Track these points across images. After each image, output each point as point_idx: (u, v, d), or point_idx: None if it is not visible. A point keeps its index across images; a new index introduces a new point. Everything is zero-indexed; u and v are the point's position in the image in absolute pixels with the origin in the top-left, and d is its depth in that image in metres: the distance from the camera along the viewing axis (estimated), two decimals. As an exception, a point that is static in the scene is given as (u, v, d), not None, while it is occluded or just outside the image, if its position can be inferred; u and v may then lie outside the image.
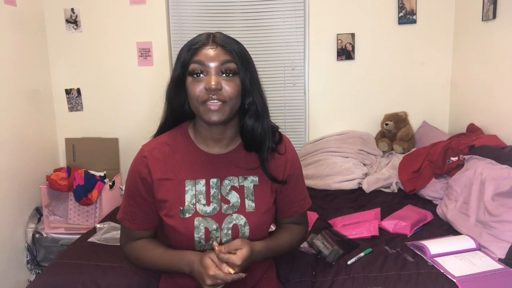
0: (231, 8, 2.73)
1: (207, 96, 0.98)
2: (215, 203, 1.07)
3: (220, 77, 0.99)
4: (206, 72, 0.99)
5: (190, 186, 1.07)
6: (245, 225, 1.07)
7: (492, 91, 2.19)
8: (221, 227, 1.06)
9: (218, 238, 1.06)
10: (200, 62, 0.99)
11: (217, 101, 0.98)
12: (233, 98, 1.00)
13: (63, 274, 1.45)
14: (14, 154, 2.33)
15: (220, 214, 1.07)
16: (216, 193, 1.08)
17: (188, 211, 1.06)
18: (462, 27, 2.55)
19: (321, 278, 1.39)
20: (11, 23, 2.34)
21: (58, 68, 2.76)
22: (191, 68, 1.00)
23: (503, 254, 1.44)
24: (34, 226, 2.46)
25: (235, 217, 1.07)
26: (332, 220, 1.83)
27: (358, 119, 2.80)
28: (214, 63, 0.98)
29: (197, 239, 1.05)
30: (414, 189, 2.14)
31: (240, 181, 1.09)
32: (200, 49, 1.00)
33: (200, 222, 1.06)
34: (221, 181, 1.09)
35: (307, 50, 2.74)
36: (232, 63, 1.00)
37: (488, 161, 1.75)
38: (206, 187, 1.08)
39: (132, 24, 2.72)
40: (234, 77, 1.00)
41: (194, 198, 1.07)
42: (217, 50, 0.99)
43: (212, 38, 1.02)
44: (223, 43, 1.01)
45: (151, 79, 2.76)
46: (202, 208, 1.07)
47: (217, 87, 0.97)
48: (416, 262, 1.44)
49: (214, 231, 1.06)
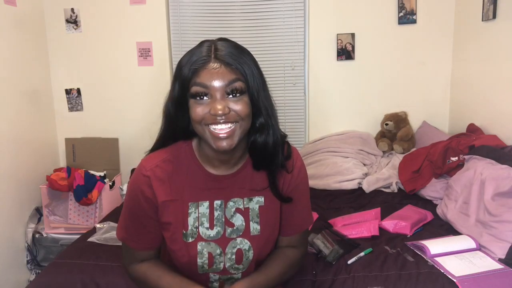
0: (231, 8, 2.73)
1: (213, 120, 0.88)
2: (218, 226, 1.01)
3: (227, 99, 0.88)
4: (210, 95, 0.88)
5: (193, 208, 1.01)
6: (249, 249, 1.02)
7: (492, 91, 2.19)
8: (225, 251, 1.02)
9: (222, 263, 1.02)
10: (202, 84, 0.88)
11: (225, 126, 0.88)
12: (245, 118, 0.90)
13: (63, 274, 1.45)
14: (14, 154, 2.33)
15: (224, 238, 1.01)
16: (220, 216, 1.01)
17: (191, 235, 1.00)
18: (462, 27, 2.55)
19: (321, 277, 1.39)
20: (11, 23, 2.34)
21: (58, 68, 2.76)
22: (193, 90, 0.89)
23: (503, 254, 1.44)
24: (34, 226, 2.46)
25: (239, 241, 1.02)
26: (332, 220, 1.83)
27: (358, 119, 2.80)
28: (219, 84, 0.87)
29: (200, 264, 1.01)
30: (414, 189, 2.14)
31: (245, 203, 1.03)
32: (201, 69, 0.88)
33: (203, 247, 1.00)
34: (225, 203, 1.02)
35: (307, 50, 2.74)
36: (239, 82, 0.89)
37: (488, 161, 1.75)
38: (210, 210, 1.01)
39: (132, 24, 2.72)
40: (242, 96, 0.89)
41: (197, 221, 1.00)
42: (221, 68, 0.87)
43: (214, 53, 0.89)
44: (227, 60, 0.88)
45: (151, 79, 2.76)
46: (205, 232, 1.00)
47: (224, 113, 0.87)
48: (416, 262, 1.44)
49: (217, 255, 1.01)
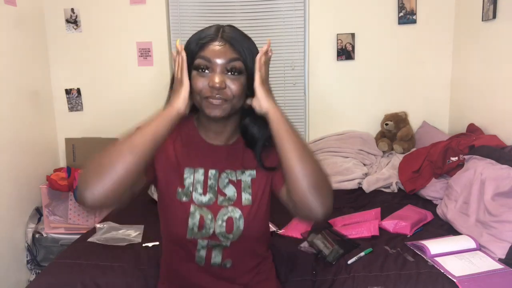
0: (231, 8, 2.73)
1: (210, 93, 0.95)
2: (211, 193, 1.06)
3: (225, 75, 0.96)
4: (212, 69, 0.96)
5: (188, 174, 1.06)
6: (240, 218, 1.05)
7: (492, 91, 2.19)
8: (216, 218, 1.05)
9: (212, 229, 1.04)
10: (206, 58, 0.96)
11: (219, 101, 0.96)
12: (236, 97, 0.97)
13: (63, 274, 1.45)
14: (14, 154, 2.33)
15: (215, 205, 1.06)
16: (213, 185, 1.07)
17: (186, 195, 1.05)
18: (462, 27, 2.55)
19: (321, 277, 1.39)
20: (11, 23, 2.34)
21: (58, 68, 2.76)
22: (197, 62, 0.97)
23: (503, 254, 1.44)
24: (34, 226, 2.46)
25: (230, 209, 1.06)
26: (332, 220, 1.83)
27: (358, 119, 2.80)
28: (221, 61, 0.95)
29: (191, 226, 1.04)
30: (414, 189, 2.14)
31: (238, 175, 1.08)
32: (207, 44, 0.96)
33: (195, 209, 1.04)
34: (219, 173, 1.07)
35: (307, 50, 2.74)
36: (239, 62, 0.97)
37: (488, 161, 1.75)
38: (204, 177, 1.06)
39: (132, 24, 2.72)
40: (239, 76, 0.97)
41: (191, 186, 1.06)
42: (225, 47, 0.96)
43: (221, 33, 0.98)
44: (232, 40, 0.97)
45: (151, 79, 2.76)
46: (198, 197, 1.05)
47: (221, 86, 0.94)
48: (416, 262, 1.44)
49: (208, 220, 1.04)
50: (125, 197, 0.89)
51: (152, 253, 1.54)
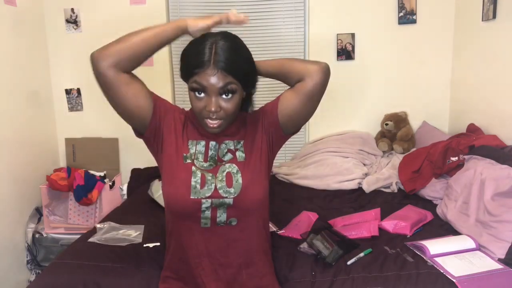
0: (231, 8, 2.71)
1: (207, 114, 1.07)
2: (211, 161, 1.16)
3: (220, 98, 1.06)
4: (207, 94, 1.05)
5: (191, 145, 1.17)
6: (237, 172, 1.14)
7: (492, 91, 2.19)
8: (216, 175, 1.14)
9: (213, 184, 1.12)
10: (201, 84, 1.04)
11: (215, 121, 1.08)
12: (232, 114, 1.09)
13: (63, 274, 1.45)
14: (14, 154, 2.33)
15: (215, 168, 1.15)
16: (213, 155, 1.17)
17: (189, 158, 1.15)
18: (462, 27, 2.55)
19: (320, 278, 1.39)
20: (11, 23, 2.34)
21: (58, 68, 2.76)
22: (193, 86, 1.06)
23: (503, 254, 1.44)
24: (34, 226, 2.46)
25: (227, 166, 1.15)
26: (332, 220, 1.83)
27: (358, 119, 2.80)
28: (215, 87, 1.04)
29: (193, 184, 1.11)
30: (414, 189, 2.14)
31: (235, 145, 1.18)
32: (201, 72, 1.04)
33: (197, 169, 1.14)
34: (219, 144, 1.17)
35: (307, 50, 2.74)
36: (233, 85, 1.05)
37: (488, 161, 1.75)
38: (206, 148, 1.16)
39: (132, 24, 2.70)
40: (234, 96, 1.07)
41: (193, 155, 1.15)
42: (217, 74, 1.03)
43: (214, 58, 1.03)
44: (225, 66, 1.03)
45: (151, 79, 2.72)
46: (199, 163, 1.15)
47: (216, 111, 1.05)
48: (416, 262, 1.44)
49: (209, 178, 1.13)
50: (124, 77, 1.08)
51: (153, 253, 1.54)
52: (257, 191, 1.15)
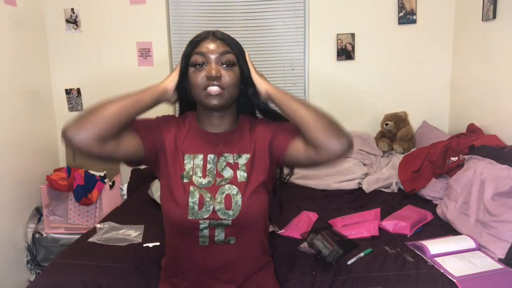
0: (231, 8, 2.73)
1: (208, 83, 1.08)
2: (210, 177, 1.12)
3: (220, 67, 1.09)
4: (207, 62, 1.09)
5: (188, 160, 1.14)
6: (237, 194, 1.11)
7: (492, 91, 2.19)
8: (215, 196, 1.10)
9: (212, 206, 1.09)
10: (201, 53, 1.09)
11: (216, 88, 1.07)
12: (232, 86, 1.10)
13: (63, 274, 1.45)
14: (14, 154, 2.33)
15: (214, 186, 1.12)
16: (212, 168, 1.13)
17: (187, 177, 1.12)
18: (462, 27, 2.55)
19: (321, 278, 1.39)
20: (11, 23, 2.34)
21: (58, 68, 2.76)
22: (193, 59, 1.10)
23: (503, 254, 1.44)
24: (34, 226, 2.46)
25: (227, 187, 1.11)
26: (332, 220, 1.83)
27: (358, 119, 2.80)
28: (214, 54, 1.09)
29: (191, 205, 1.08)
30: (414, 189, 2.14)
31: (235, 158, 1.15)
32: (201, 42, 1.11)
33: (195, 189, 1.10)
34: (218, 157, 1.15)
35: (307, 50, 2.74)
36: (231, 54, 1.11)
37: (488, 161, 1.75)
38: (204, 162, 1.14)
39: (132, 24, 2.72)
40: (233, 67, 1.11)
41: (191, 170, 1.13)
42: (216, 42, 1.10)
43: (212, 33, 1.13)
44: (222, 37, 1.12)
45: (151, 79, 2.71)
46: (198, 180, 1.12)
47: (217, 75, 1.07)
48: (416, 262, 1.44)
49: (208, 199, 1.10)
50: (110, 147, 1.01)
51: (153, 253, 1.54)
52: (256, 210, 1.13)
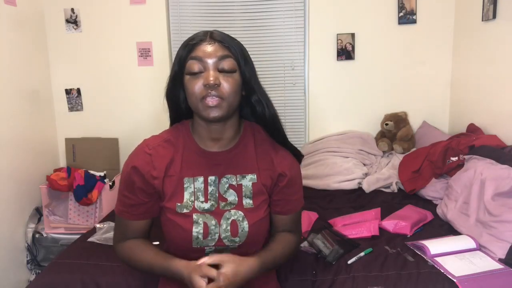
0: (231, 8, 2.73)
1: (205, 92, 0.96)
2: (212, 200, 1.06)
3: (219, 74, 0.97)
4: (204, 68, 0.97)
5: (188, 183, 1.06)
6: (243, 220, 1.05)
7: (492, 91, 2.19)
8: (220, 222, 1.05)
9: (217, 234, 1.04)
10: (197, 58, 0.97)
11: (215, 99, 0.96)
12: (232, 94, 0.98)
13: (63, 274, 1.45)
14: (14, 154, 2.33)
15: (218, 210, 1.06)
16: (213, 191, 1.06)
17: (186, 207, 1.04)
18: (462, 27, 2.55)
19: (321, 277, 1.39)
20: (11, 23, 2.34)
21: (58, 68, 2.76)
22: (189, 65, 0.98)
23: (503, 254, 1.44)
24: (34, 226, 2.46)
25: (233, 212, 1.06)
26: (332, 220, 1.83)
27: (358, 119, 2.80)
28: (212, 59, 0.97)
29: (195, 235, 1.03)
30: (414, 189, 2.14)
31: (238, 180, 1.07)
32: (197, 45, 0.98)
33: (199, 217, 1.04)
34: (219, 179, 1.07)
35: (307, 50, 2.74)
36: (231, 59, 0.98)
37: (488, 161, 1.75)
38: (204, 184, 1.06)
39: (132, 24, 2.72)
40: (233, 74, 0.98)
41: (193, 195, 1.05)
42: (214, 45, 0.98)
43: (210, 34, 1.00)
44: (221, 39, 0.99)
45: (151, 79, 2.76)
46: (200, 205, 1.05)
47: (215, 83, 0.95)
48: (416, 262, 1.44)
49: (213, 226, 1.04)
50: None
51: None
52: (262, 232, 1.10)
